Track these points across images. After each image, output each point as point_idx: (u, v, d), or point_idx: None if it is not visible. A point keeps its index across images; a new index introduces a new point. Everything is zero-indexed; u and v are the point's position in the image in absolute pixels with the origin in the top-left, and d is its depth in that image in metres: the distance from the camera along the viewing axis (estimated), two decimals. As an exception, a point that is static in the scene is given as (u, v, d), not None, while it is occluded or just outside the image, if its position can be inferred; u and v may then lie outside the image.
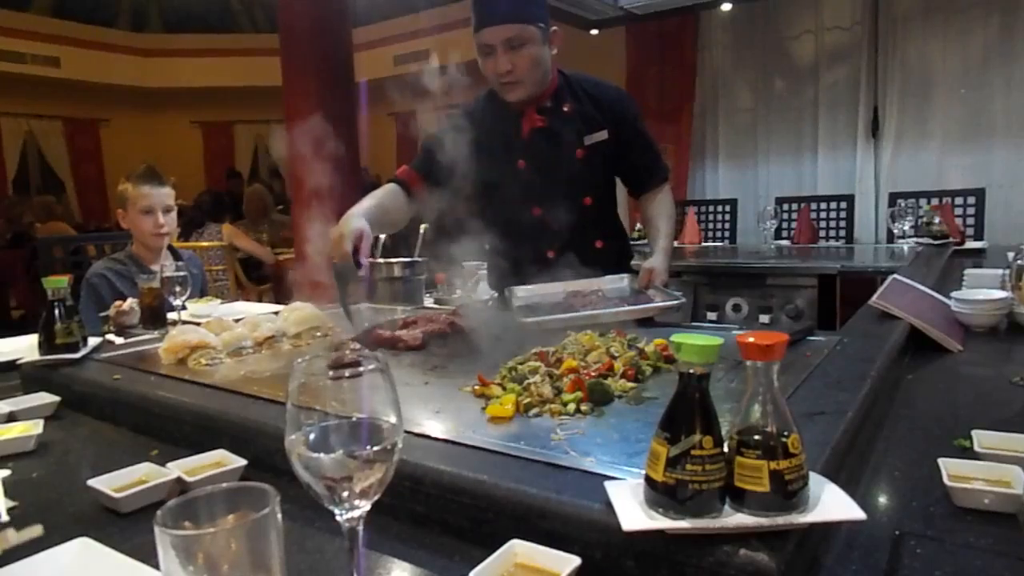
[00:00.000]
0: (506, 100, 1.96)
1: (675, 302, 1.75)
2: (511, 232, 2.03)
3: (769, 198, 4.49)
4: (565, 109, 1.99)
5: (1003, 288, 1.73)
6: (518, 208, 2.02)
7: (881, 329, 1.50)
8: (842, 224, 4.44)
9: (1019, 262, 1.32)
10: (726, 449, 0.68)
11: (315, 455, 0.60)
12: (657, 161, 2.12)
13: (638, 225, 3.83)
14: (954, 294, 1.73)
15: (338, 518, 0.63)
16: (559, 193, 1.97)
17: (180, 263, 2.12)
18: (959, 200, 4.06)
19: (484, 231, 1.99)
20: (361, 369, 0.63)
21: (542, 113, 1.99)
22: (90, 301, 2.39)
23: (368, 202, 1.88)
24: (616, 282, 1.94)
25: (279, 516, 0.56)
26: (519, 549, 0.71)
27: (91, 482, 0.96)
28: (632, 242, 2.41)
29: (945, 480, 0.82)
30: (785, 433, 0.67)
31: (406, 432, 0.74)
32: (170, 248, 2.65)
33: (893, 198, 4.23)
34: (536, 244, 2.03)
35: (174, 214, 2.61)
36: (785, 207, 4.50)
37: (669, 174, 2.16)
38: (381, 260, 2.47)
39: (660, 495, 0.68)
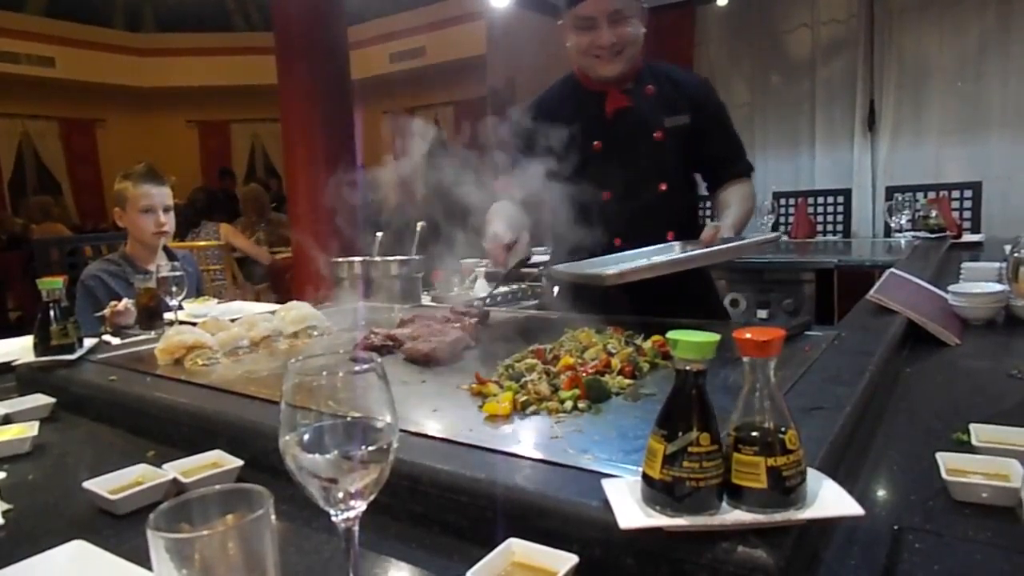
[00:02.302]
0: (598, 75, 1.88)
1: (773, 235, 1.63)
2: (579, 218, 1.93)
3: (766, 192, 4.48)
4: (647, 90, 1.93)
5: (1000, 281, 1.73)
6: (589, 192, 1.91)
7: (879, 323, 1.49)
8: (839, 218, 4.44)
9: (1016, 255, 1.32)
10: (724, 446, 0.68)
11: (309, 456, 0.60)
12: (738, 155, 2.01)
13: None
14: (951, 287, 1.73)
15: (334, 518, 0.62)
16: (634, 177, 1.91)
17: (175, 263, 2.12)
18: (956, 193, 4.07)
19: (552, 218, 1.92)
20: (356, 368, 0.63)
21: (628, 93, 1.92)
22: (85, 303, 2.39)
23: (501, 209, 1.87)
24: (666, 250, 1.81)
25: (273, 517, 0.56)
26: (517, 548, 0.71)
27: (87, 484, 0.95)
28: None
29: (943, 474, 0.82)
30: (783, 429, 0.67)
31: (403, 431, 0.74)
32: (165, 248, 2.65)
33: (890, 192, 4.23)
34: (603, 231, 1.91)
35: (172, 213, 2.60)
36: (782, 201, 4.49)
37: (752, 172, 2.03)
38: (378, 258, 2.46)
39: (658, 492, 0.67)
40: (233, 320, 1.70)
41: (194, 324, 1.67)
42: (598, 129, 1.92)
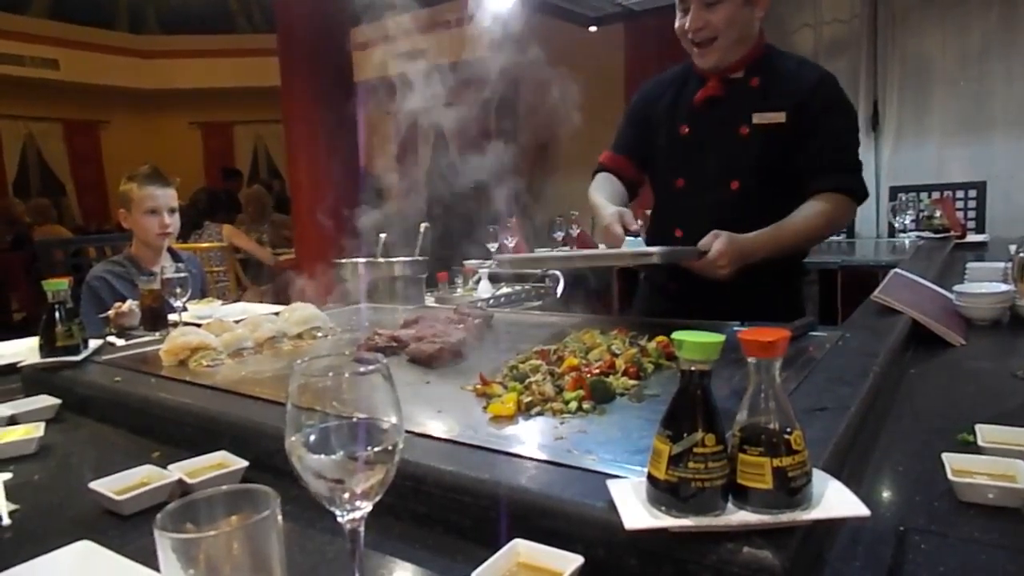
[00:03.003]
0: (697, 63, 1.80)
1: (652, 249, 1.50)
2: (657, 202, 1.96)
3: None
4: (752, 83, 1.79)
5: (1005, 281, 1.73)
6: (666, 177, 1.90)
7: (883, 324, 1.49)
8: (843, 219, 4.43)
9: (1021, 255, 1.31)
10: (729, 446, 0.68)
11: (315, 456, 0.60)
12: (835, 166, 1.74)
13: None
14: (956, 288, 1.72)
15: (339, 519, 0.63)
16: (708, 170, 1.82)
17: (180, 264, 2.12)
18: (960, 193, 4.05)
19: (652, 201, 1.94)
20: (361, 369, 0.63)
21: (725, 83, 1.80)
22: (90, 304, 2.39)
23: (599, 195, 1.86)
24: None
25: (279, 518, 0.56)
26: (521, 548, 0.71)
27: (92, 485, 0.96)
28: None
29: (949, 475, 0.82)
30: (787, 430, 0.67)
31: (408, 432, 0.74)
32: (169, 250, 2.66)
33: (894, 192, 4.22)
34: (671, 218, 1.88)
35: (177, 215, 2.62)
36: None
37: (855, 191, 1.75)
38: (381, 259, 2.46)
39: (663, 493, 0.67)
40: (237, 321, 1.70)
41: (198, 325, 1.67)
42: (688, 115, 1.86)
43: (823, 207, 1.72)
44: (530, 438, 0.94)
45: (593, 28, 5.27)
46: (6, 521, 0.93)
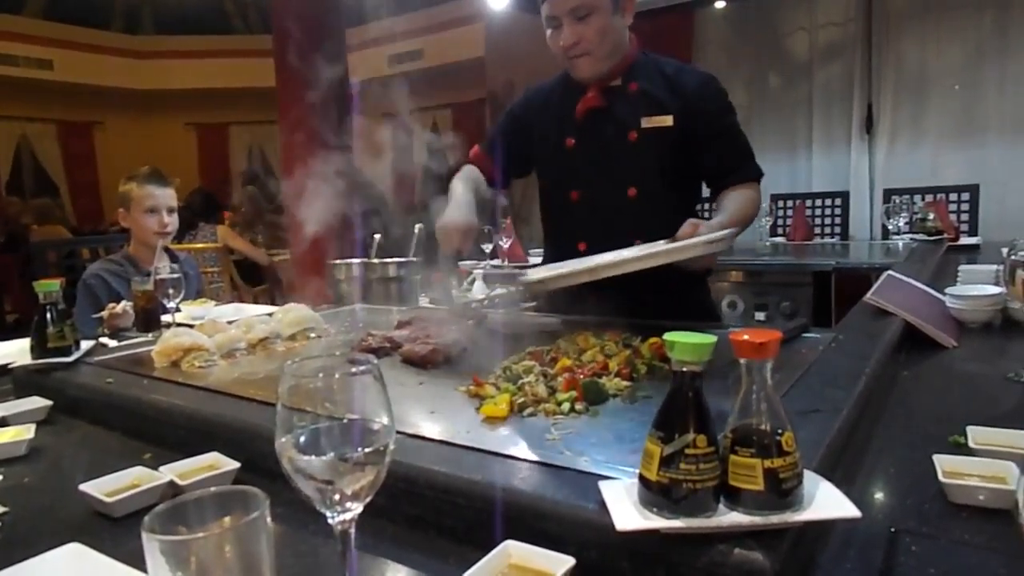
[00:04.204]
0: (575, 75, 1.80)
1: (725, 232, 1.46)
2: (552, 218, 1.94)
3: (764, 195, 4.48)
4: (631, 88, 1.80)
5: (997, 284, 1.74)
6: (559, 191, 1.88)
7: (876, 326, 1.50)
8: (837, 221, 4.45)
9: (1013, 258, 1.32)
10: (720, 448, 0.68)
11: (306, 457, 0.59)
12: (740, 160, 1.82)
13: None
14: (949, 290, 1.73)
15: (330, 521, 0.62)
16: (602, 178, 1.81)
17: (175, 265, 2.12)
18: (953, 196, 4.07)
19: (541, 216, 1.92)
20: (353, 370, 0.63)
21: (605, 92, 1.80)
22: (86, 302, 2.39)
23: (464, 191, 1.81)
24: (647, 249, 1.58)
25: (269, 519, 0.56)
26: (513, 550, 0.71)
27: (83, 487, 0.95)
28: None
29: (940, 477, 0.82)
30: (779, 431, 0.67)
31: (400, 433, 0.73)
32: (167, 250, 2.66)
33: (888, 194, 4.23)
34: (571, 233, 1.87)
35: (176, 215, 2.62)
36: (780, 204, 4.50)
37: (759, 176, 1.84)
38: (376, 260, 2.46)
39: (654, 495, 0.67)
40: (230, 322, 1.70)
41: (191, 326, 1.67)
42: (572, 126, 1.84)
43: (749, 194, 1.79)
44: (523, 439, 0.94)
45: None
46: (-4, 523, 0.93)
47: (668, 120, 1.76)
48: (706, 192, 1.92)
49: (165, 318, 2.02)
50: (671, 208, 1.76)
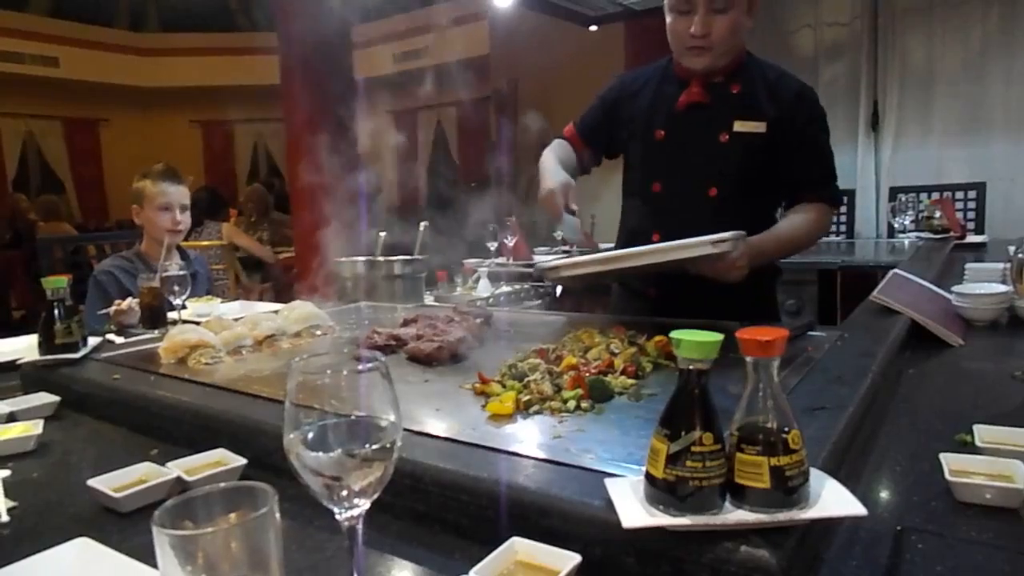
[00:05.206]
0: (689, 67, 1.77)
1: (728, 234, 1.41)
2: (631, 205, 1.93)
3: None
4: (733, 90, 1.78)
5: (1004, 282, 1.73)
6: (643, 180, 1.87)
7: (882, 324, 1.49)
8: (843, 219, 4.43)
9: (1020, 256, 1.31)
10: (727, 445, 0.68)
11: (313, 454, 0.60)
12: (818, 177, 1.78)
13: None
14: (955, 288, 1.72)
15: (337, 517, 0.63)
16: (685, 174, 1.81)
17: (183, 263, 2.13)
18: (960, 194, 4.06)
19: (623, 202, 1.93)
20: (360, 367, 0.63)
21: (707, 88, 1.78)
22: (96, 298, 2.40)
23: (552, 159, 1.85)
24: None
25: (277, 515, 0.56)
26: (519, 547, 0.71)
27: (91, 482, 0.96)
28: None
29: (946, 475, 0.82)
30: (785, 429, 0.67)
31: (406, 430, 0.74)
32: (178, 248, 2.67)
33: (894, 193, 4.23)
34: (647, 222, 1.84)
35: (188, 213, 2.63)
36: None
37: (835, 201, 1.81)
38: (381, 258, 2.46)
39: (660, 492, 0.67)
40: (236, 319, 1.70)
41: (197, 323, 1.68)
42: (667, 118, 1.83)
43: (812, 215, 1.77)
44: (528, 437, 0.94)
45: (593, 28, 5.27)
46: (5, 518, 0.93)
47: (762, 127, 1.74)
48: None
49: (171, 315, 2.03)
50: (749, 213, 1.73)
